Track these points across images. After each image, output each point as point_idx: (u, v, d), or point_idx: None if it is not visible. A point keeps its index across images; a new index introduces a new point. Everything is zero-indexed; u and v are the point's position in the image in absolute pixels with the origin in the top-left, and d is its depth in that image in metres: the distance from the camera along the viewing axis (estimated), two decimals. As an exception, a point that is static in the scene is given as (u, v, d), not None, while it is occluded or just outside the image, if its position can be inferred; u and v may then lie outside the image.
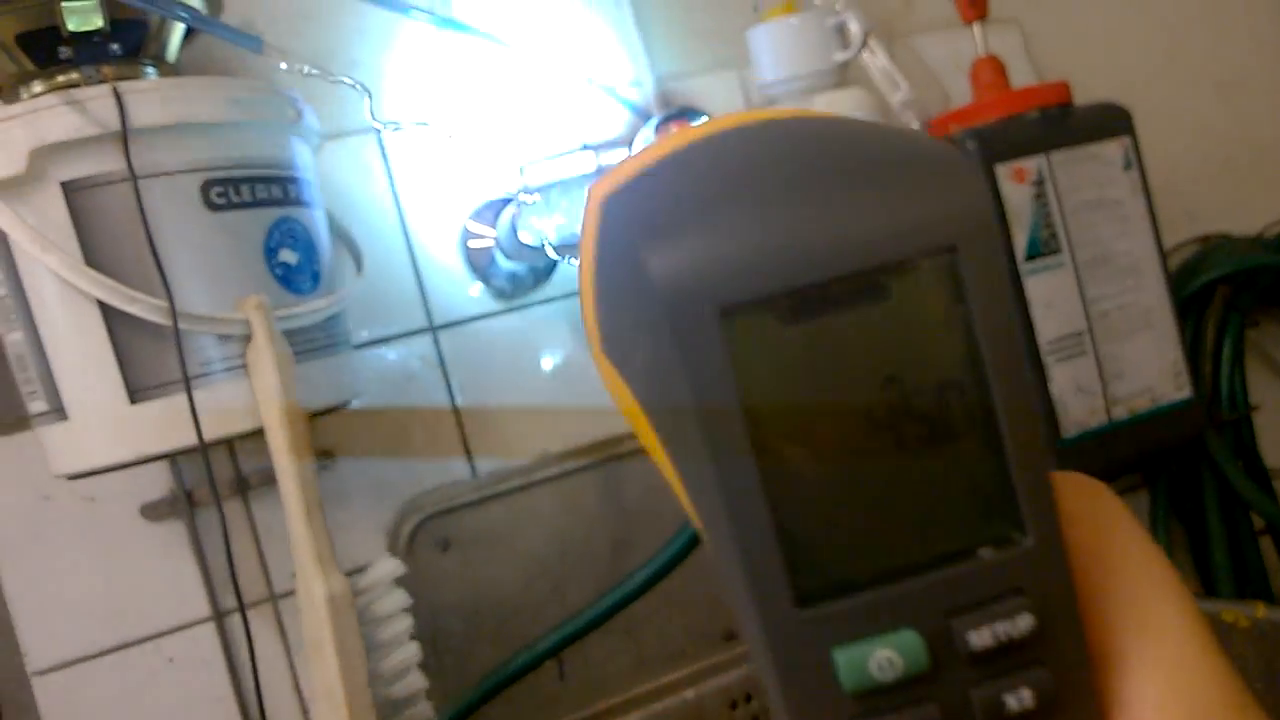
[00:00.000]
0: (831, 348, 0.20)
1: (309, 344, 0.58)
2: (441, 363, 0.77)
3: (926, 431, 0.21)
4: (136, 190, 0.52)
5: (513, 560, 0.78)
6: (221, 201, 0.55)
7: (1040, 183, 0.77)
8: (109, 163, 0.52)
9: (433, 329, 0.77)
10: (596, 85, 0.79)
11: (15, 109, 0.51)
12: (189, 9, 0.47)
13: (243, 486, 0.70)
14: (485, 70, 0.79)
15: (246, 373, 0.55)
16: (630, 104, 0.80)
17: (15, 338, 0.55)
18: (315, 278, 0.60)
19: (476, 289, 0.78)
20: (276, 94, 0.58)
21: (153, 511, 0.68)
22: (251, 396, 0.55)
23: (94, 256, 0.52)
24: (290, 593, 0.72)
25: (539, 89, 0.79)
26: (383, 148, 0.76)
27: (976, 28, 0.83)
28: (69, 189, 0.52)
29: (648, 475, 0.81)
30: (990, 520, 0.21)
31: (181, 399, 0.53)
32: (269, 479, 0.71)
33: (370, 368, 0.74)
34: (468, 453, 0.78)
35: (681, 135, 0.24)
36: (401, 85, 0.77)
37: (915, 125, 0.85)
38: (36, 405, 0.55)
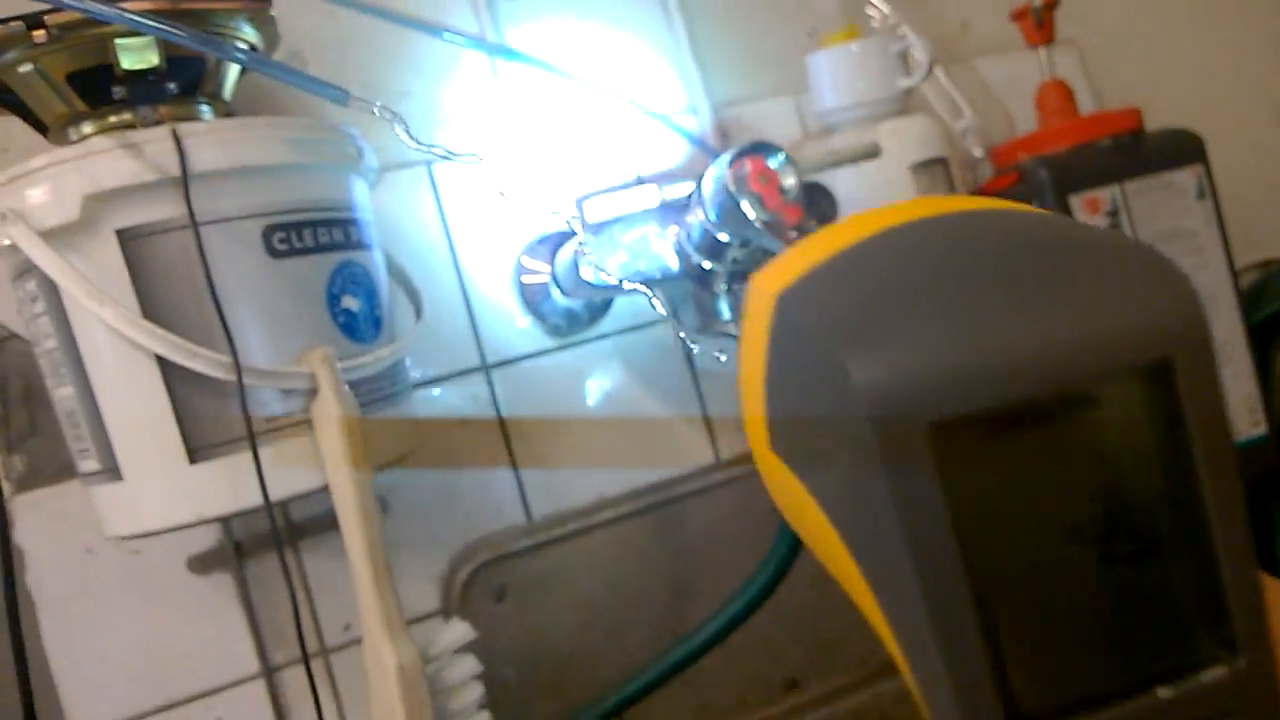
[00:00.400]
0: (1039, 462, 0.19)
1: (372, 394, 0.55)
2: (495, 403, 0.74)
3: (1137, 547, 0.20)
4: (198, 238, 0.49)
5: (569, 607, 0.75)
6: (283, 247, 0.52)
7: (1114, 213, 0.74)
8: (167, 209, 0.49)
9: (485, 368, 0.74)
10: (652, 114, 0.77)
11: (67, 152, 0.48)
12: (273, 62, 0.44)
13: (294, 535, 0.67)
14: (538, 100, 0.76)
15: (311, 428, 0.52)
16: (687, 133, 0.78)
17: (65, 393, 0.52)
18: (377, 324, 0.57)
19: (529, 325, 0.75)
20: (337, 132, 0.55)
21: (200, 564, 0.66)
22: (316, 453, 0.52)
23: (151, 308, 0.49)
24: (342, 646, 0.69)
25: (593, 119, 0.77)
26: (433, 180, 0.73)
27: (1042, 51, 0.80)
28: (125, 237, 0.49)
29: (704, 518, 0.78)
30: (1202, 639, 0.20)
31: (243, 458, 0.50)
32: (321, 527, 0.69)
33: (422, 409, 0.71)
34: (522, 496, 0.75)
35: (854, 227, 0.24)
36: (453, 115, 0.74)
37: (978, 153, 0.82)
38: (88, 464, 0.52)
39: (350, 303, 0.55)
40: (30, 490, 0.64)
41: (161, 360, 0.49)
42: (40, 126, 0.53)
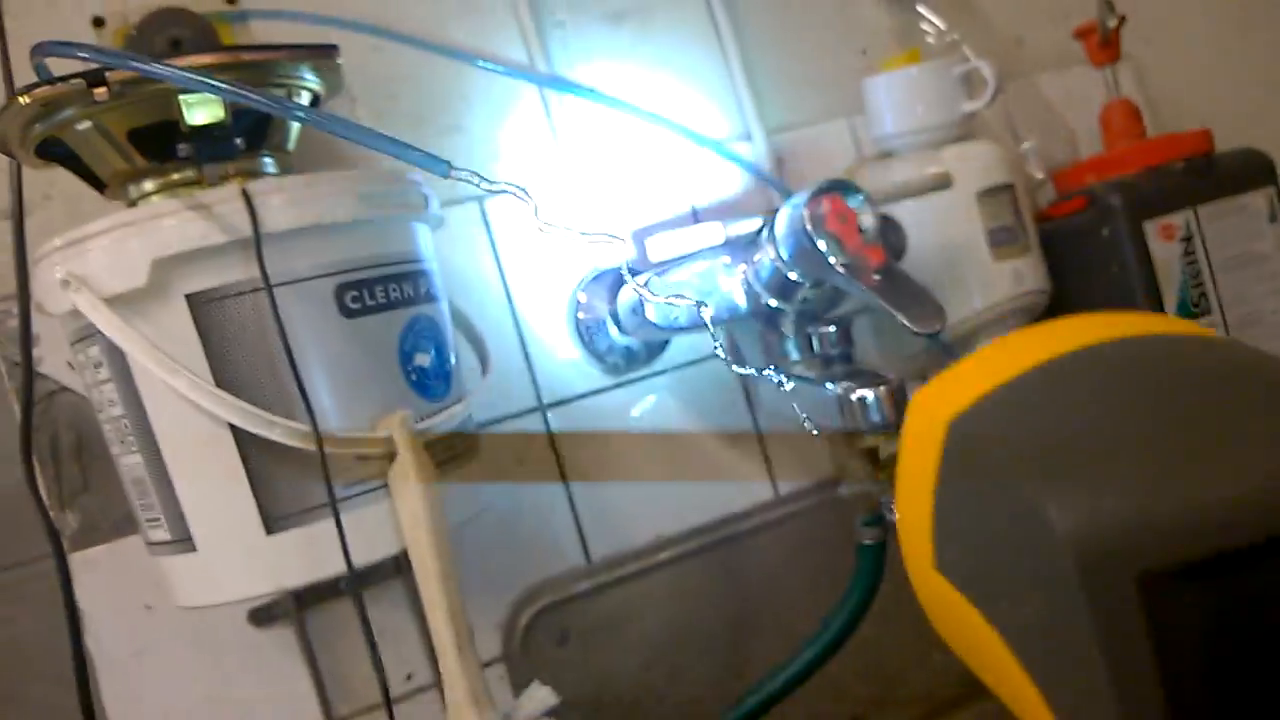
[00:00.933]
0: (1248, 610, 0.19)
1: (446, 453, 0.54)
2: (553, 443, 0.72)
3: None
4: (272, 300, 0.47)
5: (631, 648, 0.73)
6: (356, 306, 0.50)
7: (1188, 239, 0.72)
8: (238, 271, 0.47)
9: (542, 408, 0.72)
10: (706, 143, 0.75)
11: (132, 214, 0.46)
12: (370, 131, 0.42)
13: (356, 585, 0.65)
14: (591, 132, 0.74)
15: (389, 492, 0.50)
16: (745, 162, 0.75)
17: (132, 461, 0.50)
18: (447, 379, 0.55)
19: (585, 362, 0.73)
20: (404, 182, 0.53)
21: (261, 617, 0.64)
22: (395, 518, 0.50)
23: (223, 374, 0.48)
24: (406, 696, 0.67)
25: (646, 149, 0.75)
26: (485, 216, 0.71)
27: (1108, 70, 0.78)
28: (195, 301, 0.47)
29: (764, 555, 0.77)
30: None
31: (320, 527, 0.49)
32: (380, 575, 0.67)
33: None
34: (581, 538, 0.73)
35: (1023, 350, 0.23)
36: (505, 150, 0.72)
37: (1039, 175, 0.80)
38: (158, 534, 0.50)
39: (422, 359, 0.53)
40: (86, 548, 0.62)
41: (236, 429, 0.47)
42: (94, 181, 0.51)
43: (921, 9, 0.82)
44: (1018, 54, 0.88)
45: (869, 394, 0.58)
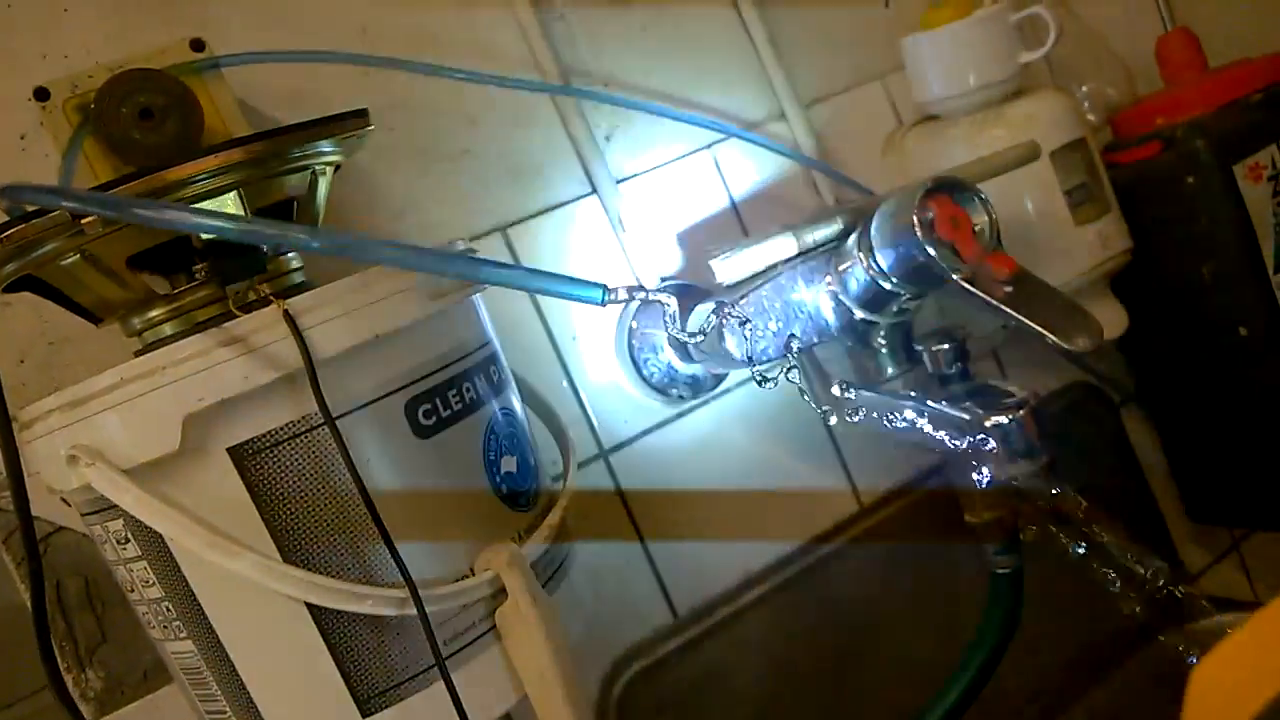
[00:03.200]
0: None
1: (548, 570, 0.45)
2: (619, 491, 0.64)
3: None
4: (337, 436, 0.38)
5: (733, 702, 0.66)
6: (430, 421, 0.41)
7: (1276, 178, 0.66)
8: (289, 410, 0.38)
9: (603, 454, 0.64)
10: (743, 135, 0.66)
11: (149, 363, 0.36)
12: (519, 271, 0.32)
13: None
14: (617, 134, 0.64)
15: (496, 635, 0.42)
16: (787, 151, 0.67)
17: (182, 648, 0.41)
18: (534, 477, 0.46)
19: (643, 395, 0.65)
20: (458, 254, 0.44)
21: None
22: (508, 663, 0.42)
23: (286, 536, 0.38)
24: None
25: (679, 150, 0.66)
26: (511, 246, 0.61)
27: (1162, -3, 0.71)
28: (240, 455, 0.38)
29: (856, 575, 0.70)
30: None
31: (425, 696, 0.40)
32: None
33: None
34: (663, 591, 0.66)
35: None
36: (520, 169, 0.62)
37: (1093, 119, 0.73)
38: (229, 727, 0.42)
39: (509, 463, 0.44)
40: (115, 710, 0.53)
41: (313, 604, 0.38)
42: (85, 312, 0.41)
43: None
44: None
45: (1004, 419, 0.51)
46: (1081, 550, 0.52)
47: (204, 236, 0.37)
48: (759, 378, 0.55)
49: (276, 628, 0.39)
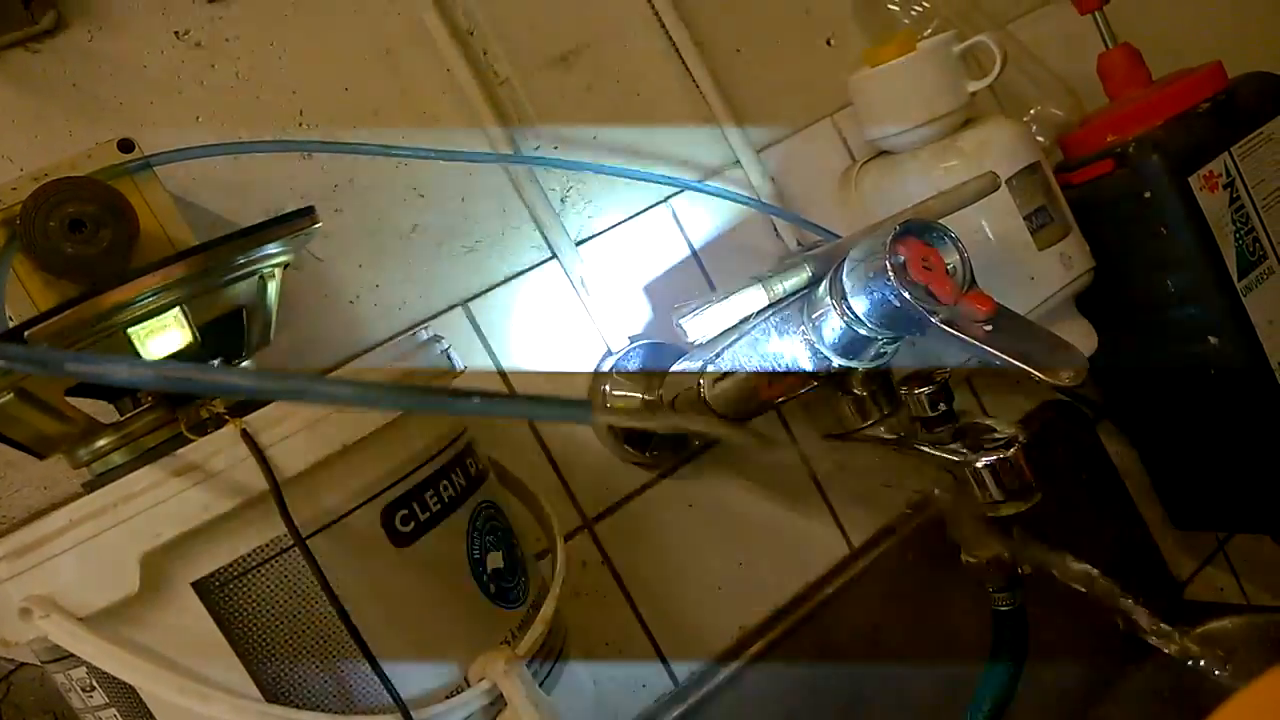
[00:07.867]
0: None
1: (542, 667, 0.43)
2: (607, 560, 0.62)
3: None
4: (309, 557, 0.35)
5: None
6: (409, 528, 0.39)
7: (1230, 185, 0.67)
8: (255, 535, 0.35)
9: (587, 524, 0.62)
10: (700, 187, 0.65)
11: (100, 500, 0.34)
12: (505, 400, 0.30)
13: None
14: (569, 193, 0.63)
15: (496, 745, 0.40)
16: (744, 198, 0.66)
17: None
18: (521, 568, 0.44)
19: (623, 457, 0.63)
20: (427, 347, 0.42)
21: None
22: (512, 775, 0.40)
23: (262, 669, 0.36)
24: None
25: (629, 196, 0.64)
26: (474, 321, 0.60)
27: (1098, 16, 0.71)
28: (206, 588, 0.35)
29: (853, 618, 0.69)
30: None
31: (431, 819, 0.38)
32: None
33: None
34: (661, 658, 0.63)
35: None
36: (472, 241, 0.60)
37: (1044, 140, 0.73)
38: None
39: (495, 559, 0.42)
40: None
41: (301, 737, 0.36)
42: (26, 449, 0.38)
43: (880, -21, 0.74)
44: (972, 9, 0.80)
45: (994, 460, 0.50)
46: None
47: (149, 357, 0.34)
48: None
49: (261, 768, 0.36)
